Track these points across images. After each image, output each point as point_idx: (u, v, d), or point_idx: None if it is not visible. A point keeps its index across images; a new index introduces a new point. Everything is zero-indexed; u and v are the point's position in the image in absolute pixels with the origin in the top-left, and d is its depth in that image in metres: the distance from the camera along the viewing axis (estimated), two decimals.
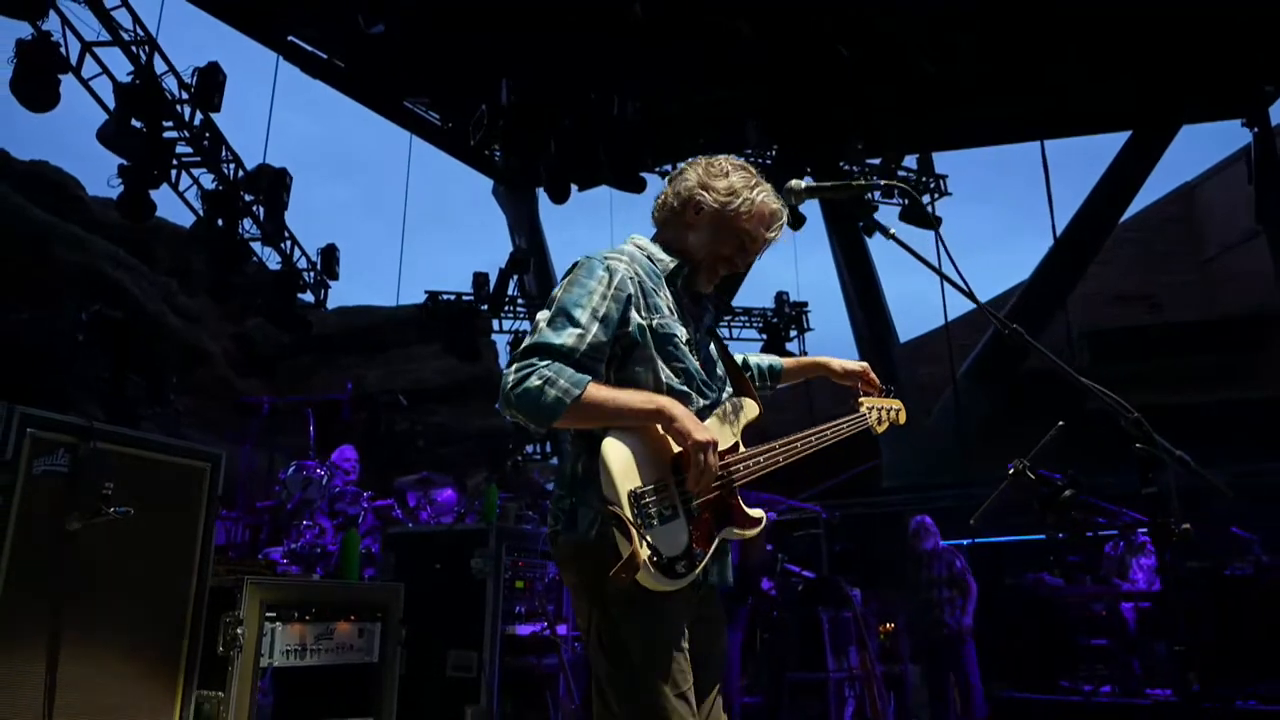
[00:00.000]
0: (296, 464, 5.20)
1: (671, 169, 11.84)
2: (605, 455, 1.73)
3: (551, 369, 1.77)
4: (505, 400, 1.78)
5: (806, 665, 6.11)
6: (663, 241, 2.10)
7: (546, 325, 1.84)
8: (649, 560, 1.67)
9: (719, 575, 1.96)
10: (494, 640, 3.81)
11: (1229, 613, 6.79)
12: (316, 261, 11.47)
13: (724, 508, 1.89)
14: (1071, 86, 14.27)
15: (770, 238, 2.08)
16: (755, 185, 2.06)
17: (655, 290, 1.97)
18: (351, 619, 3.19)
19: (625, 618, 1.78)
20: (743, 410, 2.03)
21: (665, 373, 1.92)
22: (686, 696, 1.77)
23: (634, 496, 1.72)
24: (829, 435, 2.21)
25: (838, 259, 16.52)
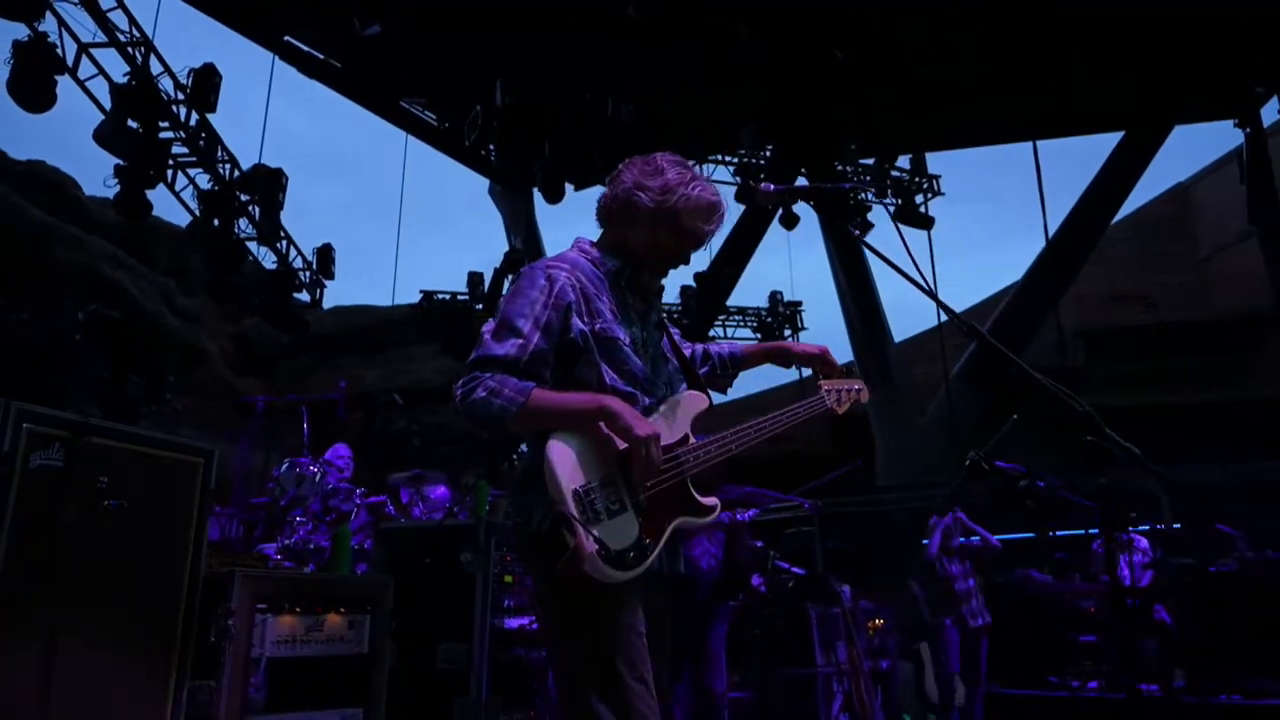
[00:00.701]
0: (290, 461, 5.26)
1: None
2: (549, 457, 1.82)
3: (495, 380, 1.86)
4: (458, 410, 1.88)
5: (795, 660, 6.17)
6: (606, 242, 2.17)
7: (491, 337, 1.93)
8: (596, 554, 1.75)
9: (669, 564, 2.03)
10: (483, 633, 3.87)
11: (1214, 608, 6.87)
12: (312, 261, 11.53)
13: (676, 498, 1.95)
14: (1065, 87, 14.34)
15: (709, 230, 2.15)
16: (691, 180, 2.12)
17: (598, 294, 2.04)
18: (342, 611, 3.26)
19: (583, 606, 1.85)
20: (691, 403, 2.10)
21: (610, 374, 1.99)
22: (645, 679, 1.85)
23: (579, 494, 1.80)
24: (785, 420, 2.25)
25: (832, 258, 16.58)
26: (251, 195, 10.15)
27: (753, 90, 13.59)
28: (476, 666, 3.82)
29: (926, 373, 17.97)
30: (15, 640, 2.64)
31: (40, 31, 7.73)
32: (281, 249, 10.98)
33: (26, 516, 2.65)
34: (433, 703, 3.92)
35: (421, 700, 3.96)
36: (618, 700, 1.81)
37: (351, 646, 3.27)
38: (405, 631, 4.11)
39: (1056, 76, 13.88)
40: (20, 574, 2.67)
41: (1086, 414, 1.67)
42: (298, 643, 3.11)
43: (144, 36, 8.58)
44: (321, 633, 3.19)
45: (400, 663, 4.07)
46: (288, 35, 13.04)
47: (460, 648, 3.90)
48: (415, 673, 4.04)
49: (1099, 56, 13.35)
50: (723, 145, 14.67)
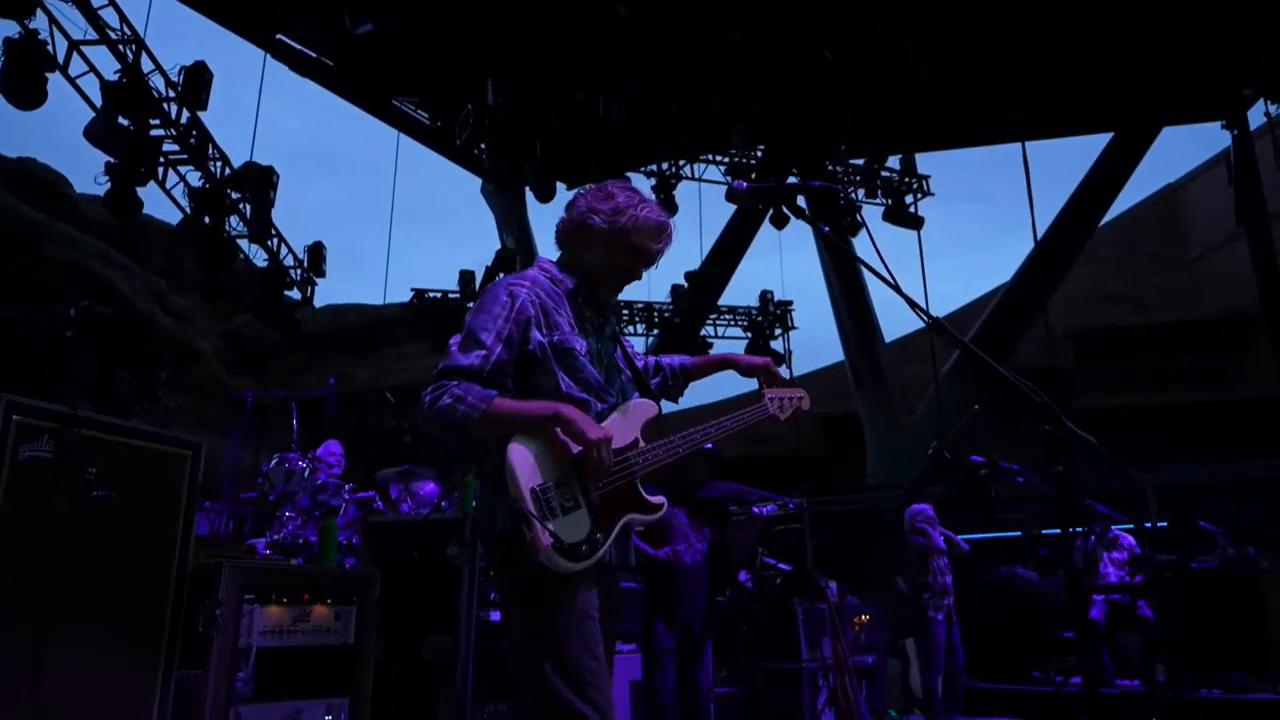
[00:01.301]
0: (279, 457, 5.30)
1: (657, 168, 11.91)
2: (509, 459, 1.99)
3: (461, 388, 2.03)
4: (426, 416, 2.05)
5: (781, 656, 6.24)
6: (564, 262, 2.36)
7: (457, 349, 2.11)
8: (551, 547, 1.93)
9: (620, 556, 2.19)
10: (469, 626, 3.92)
11: (1195, 604, 6.95)
12: (303, 259, 11.56)
13: (626, 497, 2.13)
14: (1054, 88, 14.43)
15: (659, 248, 2.34)
16: (640, 203, 2.31)
17: (556, 309, 2.22)
18: (328, 603, 3.31)
19: (542, 593, 2.02)
20: (642, 410, 2.27)
21: (566, 381, 2.17)
22: (599, 658, 2.04)
23: (536, 492, 1.98)
24: (729, 426, 2.43)
25: (823, 258, 16.63)
26: (243, 193, 10.17)
27: (743, 90, 13.66)
28: (462, 658, 3.87)
29: (917, 373, 18.07)
30: (5, 630, 2.68)
31: (31, 29, 7.75)
32: (273, 247, 10.99)
33: (16, 507, 2.69)
34: (419, 694, 3.97)
35: (407, 691, 4.01)
36: (574, 675, 1.97)
37: (338, 637, 3.32)
38: (392, 624, 4.16)
39: (1046, 78, 13.97)
40: (9, 564, 2.71)
41: (1044, 404, 1.72)
42: (285, 633, 3.16)
43: (135, 34, 8.60)
44: (308, 623, 3.24)
45: (387, 654, 4.12)
46: (280, 33, 13.07)
47: (446, 640, 3.96)
48: (402, 664, 4.09)
49: (1088, 58, 13.44)
50: (714, 145, 14.72)
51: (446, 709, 3.92)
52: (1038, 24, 12.67)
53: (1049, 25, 12.70)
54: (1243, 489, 11.66)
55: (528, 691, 2.04)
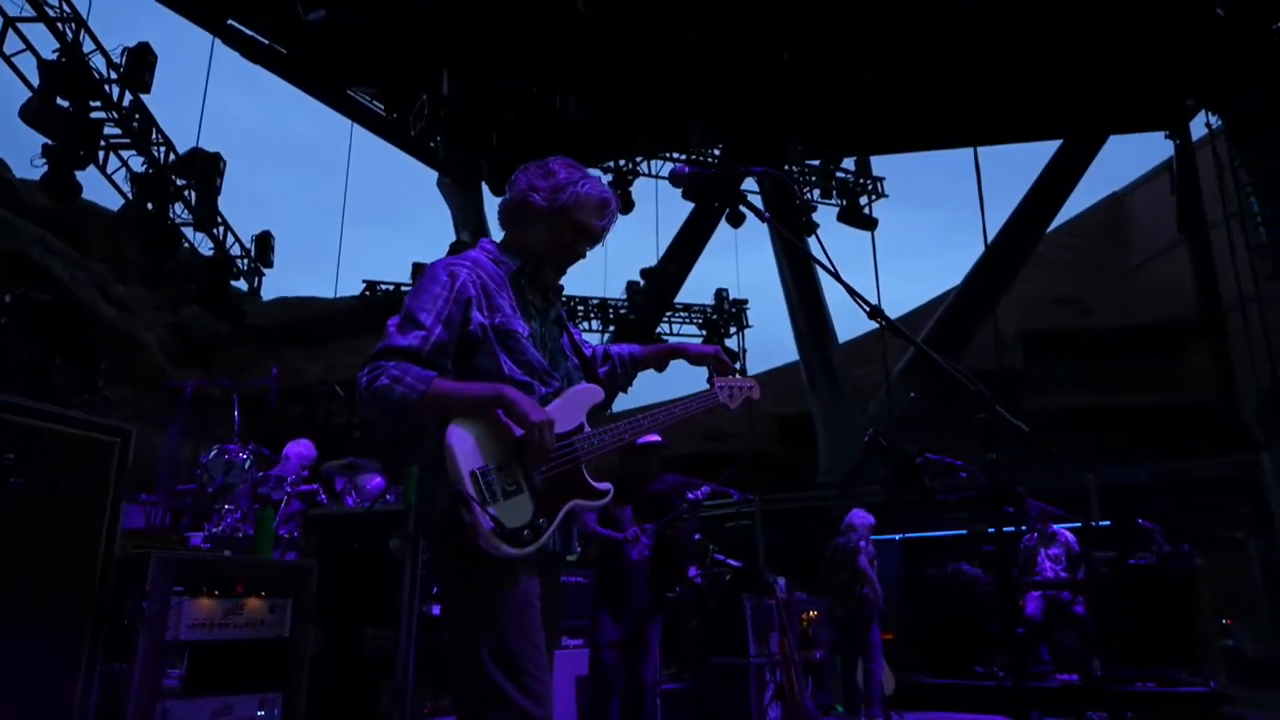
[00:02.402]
0: (219, 448, 5.18)
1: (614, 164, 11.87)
2: (448, 441, 1.92)
3: (398, 369, 1.95)
4: (360, 398, 1.97)
5: (729, 651, 6.25)
6: (507, 243, 2.29)
7: (395, 329, 2.03)
8: (491, 531, 1.87)
9: (563, 543, 2.14)
10: (410, 619, 3.86)
11: (1131, 600, 7.12)
12: (250, 248, 11.31)
13: (570, 482, 2.08)
14: (1006, 96, 14.69)
15: (602, 225, 2.27)
16: (582, 179, 2.25)
17: (498, 291, 2.16)
18: (263, 595, 3.22)
19: (481, 579, 1.96)
20: (587, 395, 2.21)
21: (508, 364, 2.10)
22: (540, 647, 1.98)
23: (476, 475, 1.92)
24: (677, 412, 2.38)
25: (779, 259, 16.76)
26: (188, 180, 9.92)
27: (700, 89, 13.69)
28: (403, 652, 3.80)
29: (869, 374, 18.29)
30: None
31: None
32: (219, 236, 10.75)
33: None
34: (358, 688, 3.90)
35: (346, 685, 3.94)
36: (513, 664, 1.91)
37: (272, 630, 3.23)
38: (332, 617, 4.08)
39: (997, 85, 14.22)
40: None
41: (979, 393, 1.73)
42: (216, 626, 3.07)
43: (75, 12, 8.33)
44: (241, 616, 3.14)
45: (325, 648, 4.04)
46: (230, 19, 12.78)
47: (387, 634, 3.88)
48: (342, 658, 4.02)
49: (1038, 67, 13.71)
50: (672, 142, 14.74)
51: (386, 703, 3.85)
52: (990, 33, 12.89)
53: (1000, 34, 12.92)
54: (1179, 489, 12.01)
55: (464, 681, 1.97)
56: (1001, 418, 1.69)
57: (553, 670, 2.15)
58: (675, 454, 16.62)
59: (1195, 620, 7.13)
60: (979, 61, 13.50)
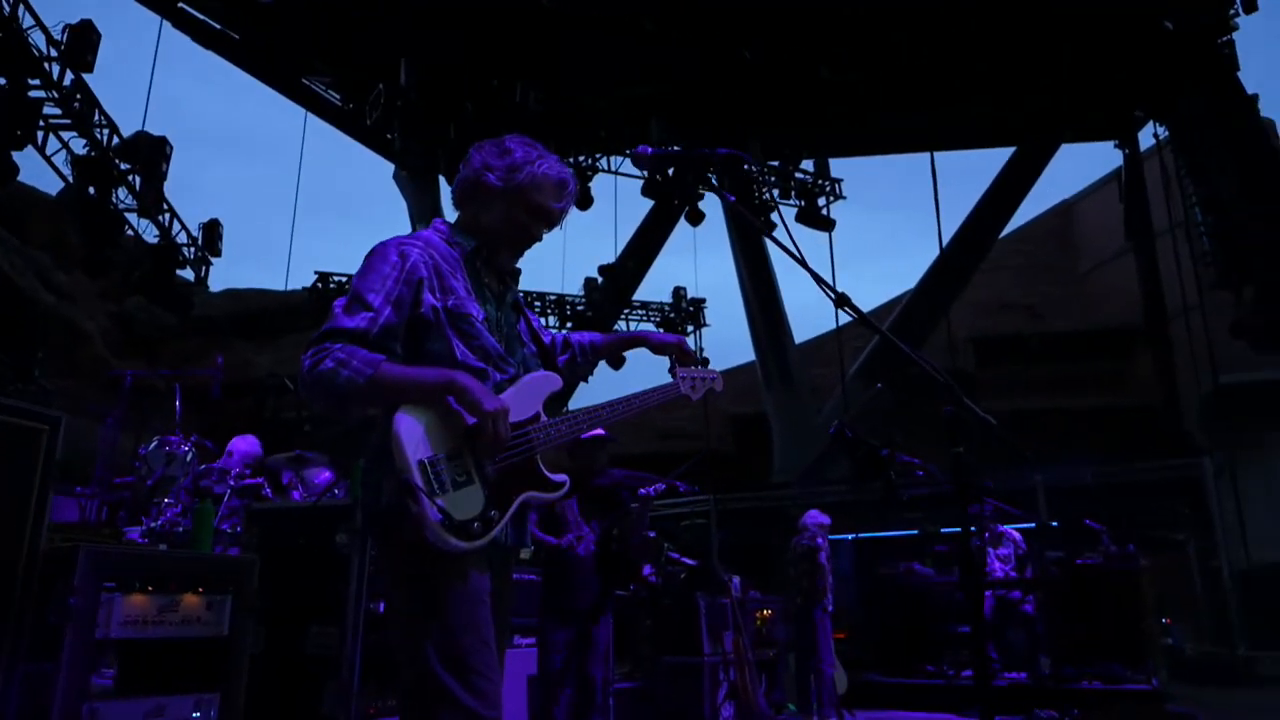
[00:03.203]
0: (159, 439, 4.97)
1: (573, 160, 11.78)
2: (395, 430, 1.82)
3: (344, 351, 1.83)
4: (303, 383, 1.84)
5: (683, 649, 6.21)
6: (462, 223, 2.19)
7: (341, 311, 1.92)
8: (439, 523, 1.77)
9: (516, 537, 2.05)
10: (356, 617, 3.74)
11: (1079, 599, 7.23)
12: (198, 236, 10.99)
13: (525, 474, 1.99)
14: (961, 102, 14.90)
15: (559, 207, 2.18)
16: (539, 158, 2.15)
17: (452, 272, 2.05)
18: (200, 591, 3.08)
19: (428, 574, 1.87)
20: (544, 383, 2.13)
21: (462, 349, 2.00)
22: (490, 645, 1.89)
23: (425, 464, 1.82)
24: (638, 404, 2.29)
25: (737, 259, 16.82)
26: (132, 164, 9.59)
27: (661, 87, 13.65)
28: (348, 651, 3.68)
29: (824, 374, 18.43)
30: None
31: None
32: (164, 223, 10.42)
33: None
34: (300, 688, 3.77)
35: (289, 686, 3.80)
36: (460, 663, 1.83)
37: (210, 628, 3.09)
38: (275, 615, 3.95)
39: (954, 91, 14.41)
40: None
41: (947, 385, 1.69)
42: (149, 624, 2.92)
43: None
44: (176, 613, 3.00)
45: (268, 647, 3.90)
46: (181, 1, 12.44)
47: (332, 631, 3.76)
48: (284, 657, 3.88)
49: (993, 75, 13.93)
50: (632, 139, 14.68)
51: (330, 703, 3.72)
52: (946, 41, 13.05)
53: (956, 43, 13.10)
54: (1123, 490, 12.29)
55: (409, 681, 1.88)
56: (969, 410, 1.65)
57: (503, 669, 2.08)
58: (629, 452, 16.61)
59: (1139, 619, 7.27)
60: (936, 68, 13.67)
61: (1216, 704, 7.86)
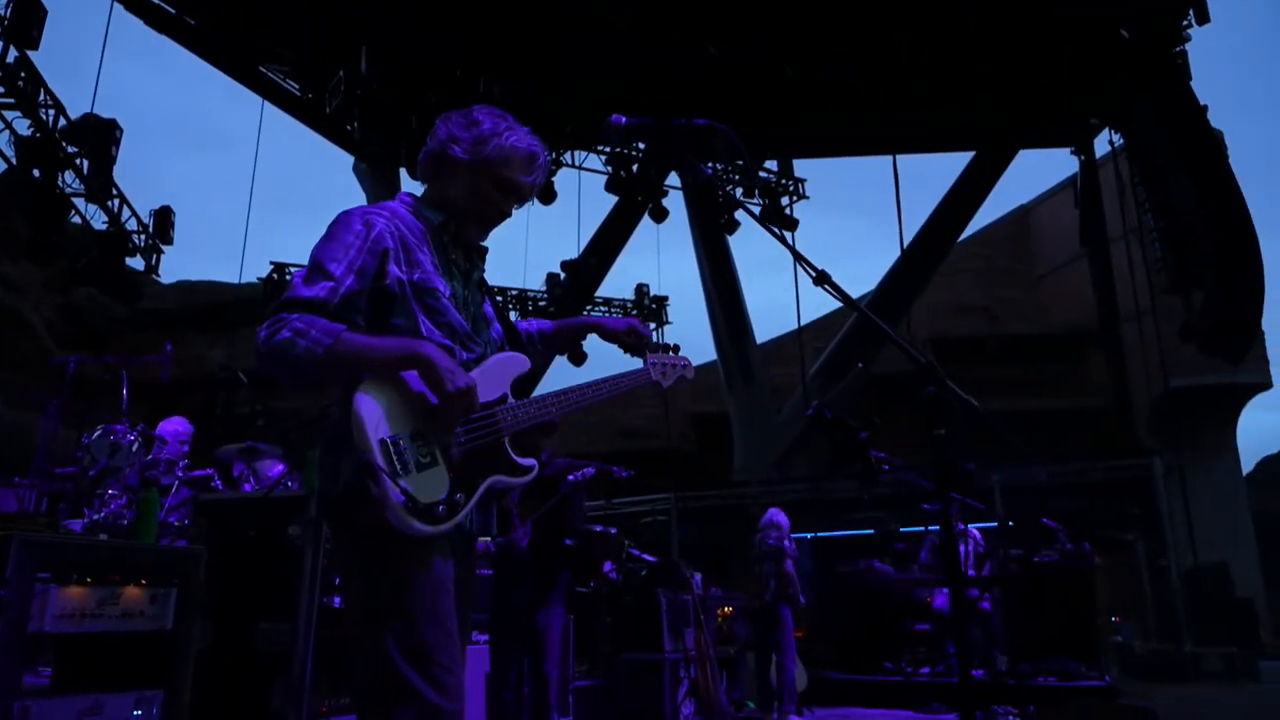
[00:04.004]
0: (103, 428, 4.78)
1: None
2: (355, 408, 1.73)
3: (302, 321, 1.74)
4: (258, 356, 1.75)
5: (643, 647, 6.14)
6: (429, 197, 2.10)
7: (300, 281, 1.82)
8: (402, 505, 1.69)
9: (482, 523, 1.98)
10: (309, 611, 3.61)
11: (1036, 596, 7.30)
12: (149, 224, 10.66)
13: (492, 457, 1.91)
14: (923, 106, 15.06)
15: (528, 181, 2.09)
16: (507, 130, 2.06)
17: (418, 246, 1.97)
18: (143, 584, 2.94)
19: (388, 560, 1.78)
20: (512, 364, 2.05)
21: (427, 325, 1.92)
22: (452, 635, 1.80)
23: (387, 444, 1.73)
24: (607, 389, 2.22)
25: (700, 259, 16.82)
26: (80, 147, 9.27)
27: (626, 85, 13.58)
28: (300, 647, 3.55)
29: (784, 375, 18.51)
30: None
31: None
32: (113, 209, 10.09)
33: None
34: (249, 685, 3.63)
35: (237, 683, 3.66)
36: (420, 652, 1.74)
37: (153, 623, 2.95)
38: (223, 609, 3.80)
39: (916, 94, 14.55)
40: None
41: (929, 365, 1.64)
42: (87, 617, 2.77)
43: None
44: (117, 606, 2.85)
45: (215, 642, 3.75)
46: None
47: (283, 627, 3.62)
48: (232, 653, 3.73)
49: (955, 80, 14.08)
50: (597, 135, 14.61)
51: (280, 701, 3.59)
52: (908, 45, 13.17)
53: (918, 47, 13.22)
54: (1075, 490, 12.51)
55: (366, 674, 1.78)
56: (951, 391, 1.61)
57: (465, 663, 1.99)
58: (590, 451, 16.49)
59: (1093, 616, 7.36)
60: (898, 72, 13.80)
61: (1165, 700, 7.98)
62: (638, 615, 6.27)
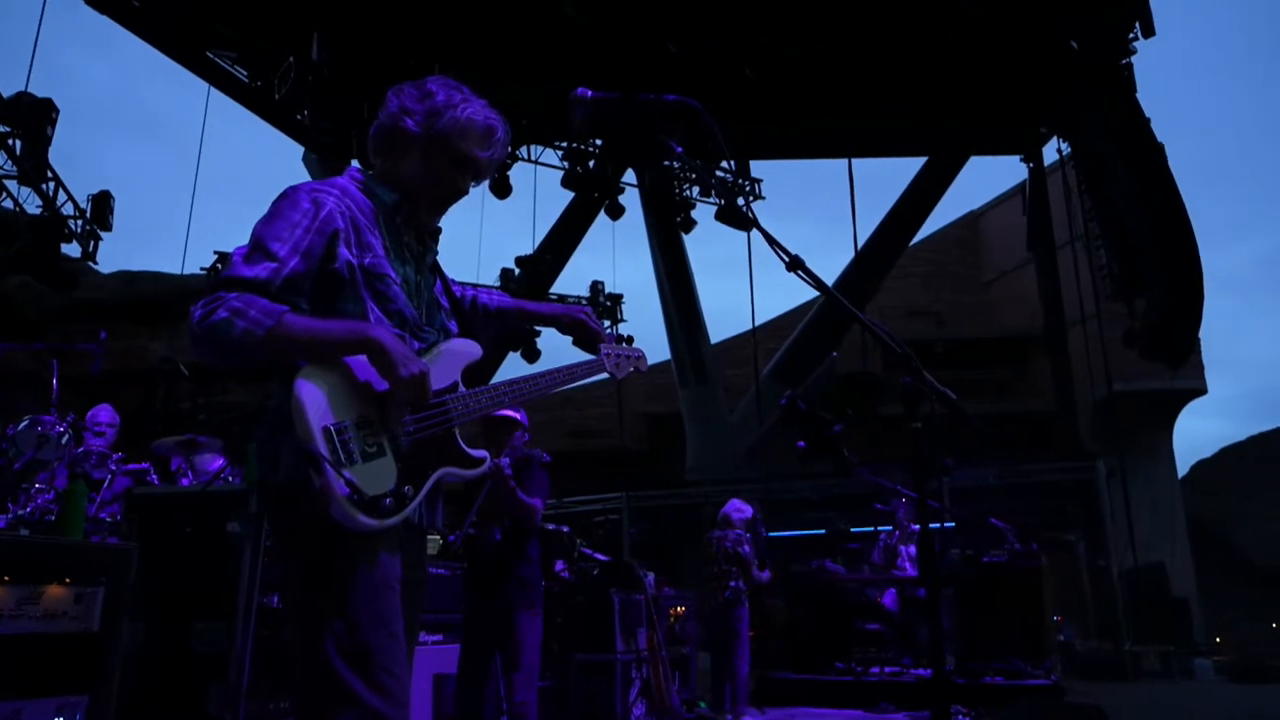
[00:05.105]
0: (30, 419, 4.56)
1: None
2: (297, 393, 1.62)
3: (241, 300, 1.62)
4: (192, 336, 1.63)
5: (595, 647, 6.05)
6: (379, 174, 1.97)
7: (241, 259, 1.70)
8: (347, 498, 1.59)
9: (430, 517, 1.90)
10: (249, 611, 3.46)
11: (985, 596, 7.37)
12: (86, 209, 10.26)
13: (442, 448, 1.83)
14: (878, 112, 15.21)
15: (486, 156, 1.97)
16: (463, 102, 1.94)
17: (370, 227, 1.85)
18: (67, 582, 2.77)
19: (330, 556, 1.67)
20: (463, 350, 1.96)
21: (376, 313, 1.81)
22: (398, 636, 1.71)
23: (331, 432, 1.63)
24: (561, 378, 2.14)
25: (656, 258, 16.79)
26: (12, 127, 8.88)
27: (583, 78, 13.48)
28: (239, 648, 3.40)
29: (738, 375, 18.57)
30: None
31: None
32: (48, 192, 9.69)
33: None
34: (183, 689, 3.47)
35: (171, 686, 3.50)
36: (363, 655, 1.64)
37: (78, 624, 2.78)
38: (157, 609, 3.63)
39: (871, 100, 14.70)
40: None
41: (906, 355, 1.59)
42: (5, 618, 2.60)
43: None
44: (38, 606, 2.68)
45: (148, 644, 3.58)
46: None
47: (220, 627, 3.47)
48: (166, 656, 3.57)
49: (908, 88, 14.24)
50: (554, 129, 14.48)
51: (216, 705, 3.44)
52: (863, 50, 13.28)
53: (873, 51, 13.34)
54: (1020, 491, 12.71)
55: (305, 678, 1.68)
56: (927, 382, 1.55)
57: (412, 667, 1.88)
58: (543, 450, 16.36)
59: (1041, 616, 7.46)
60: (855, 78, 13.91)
61: (1107, 697, 8.13)
62: (590, 615, 6.18)
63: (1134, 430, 17.19)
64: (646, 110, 1.86)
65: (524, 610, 4.13)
